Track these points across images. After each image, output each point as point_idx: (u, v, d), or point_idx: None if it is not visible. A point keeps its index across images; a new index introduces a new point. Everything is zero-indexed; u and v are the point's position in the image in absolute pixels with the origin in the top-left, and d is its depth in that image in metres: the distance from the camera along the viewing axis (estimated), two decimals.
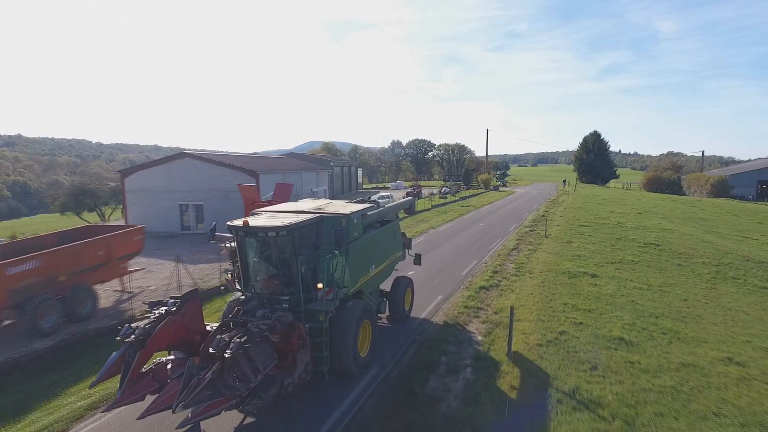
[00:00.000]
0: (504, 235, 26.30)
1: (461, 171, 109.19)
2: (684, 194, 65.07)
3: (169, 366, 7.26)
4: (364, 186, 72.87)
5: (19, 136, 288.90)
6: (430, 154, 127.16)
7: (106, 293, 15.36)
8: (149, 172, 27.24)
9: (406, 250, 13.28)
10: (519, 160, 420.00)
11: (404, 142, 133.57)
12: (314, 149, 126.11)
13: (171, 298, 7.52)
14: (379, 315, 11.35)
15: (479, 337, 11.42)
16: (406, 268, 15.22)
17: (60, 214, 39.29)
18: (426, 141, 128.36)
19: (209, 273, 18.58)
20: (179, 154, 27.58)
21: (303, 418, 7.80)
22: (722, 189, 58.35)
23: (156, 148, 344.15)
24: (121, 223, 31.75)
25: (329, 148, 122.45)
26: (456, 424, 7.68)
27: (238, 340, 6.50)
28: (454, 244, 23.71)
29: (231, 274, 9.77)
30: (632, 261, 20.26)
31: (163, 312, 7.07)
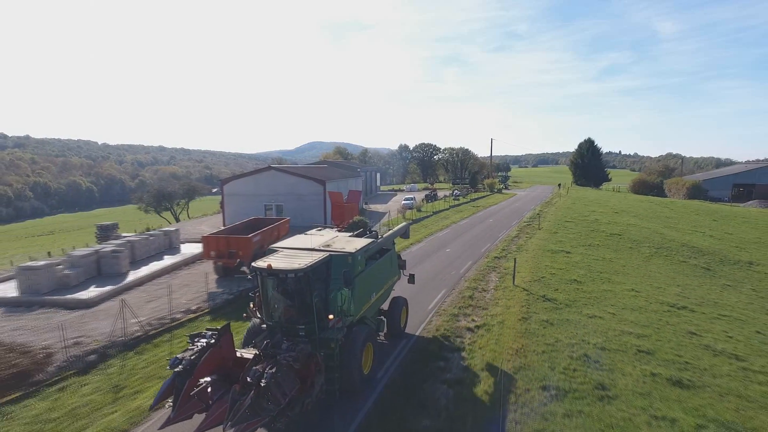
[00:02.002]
0: (508, 227, 35.76)
1: (466, 174, 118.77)
2: (666, 196, 74.61)
3: (209, 389, 8.27)
4: (381, 188, 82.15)
5: (27, 137, 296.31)
6: (435, 157, 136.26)
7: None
8: (242, 180, 36.66)
9: (401, 271, 15.17)
10: (520, 160, 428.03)
11: (405, 144, 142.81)
12: (326, 153, 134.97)
13: (207, 329, 9.05)
14: (378, 333, 12.96)
15: (496, 279, 20.84)
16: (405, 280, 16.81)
17: (144, 212, 48.26)
18: (431, 145, 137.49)
19: None
20: (266, 168, 37.01)
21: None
22: (696, 192, 67.89)
23: (161, 148, 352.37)
24: (205, 218, 41.14)
25: (341, 152, 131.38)
26: (488, 302, 17.13)
27: (270, 371, 7.84)
28: (473, 233, 33.19)
29: (252, 303, 11.16)
30: (597, 245, 29.71)
31: (204, 344, 8.56)
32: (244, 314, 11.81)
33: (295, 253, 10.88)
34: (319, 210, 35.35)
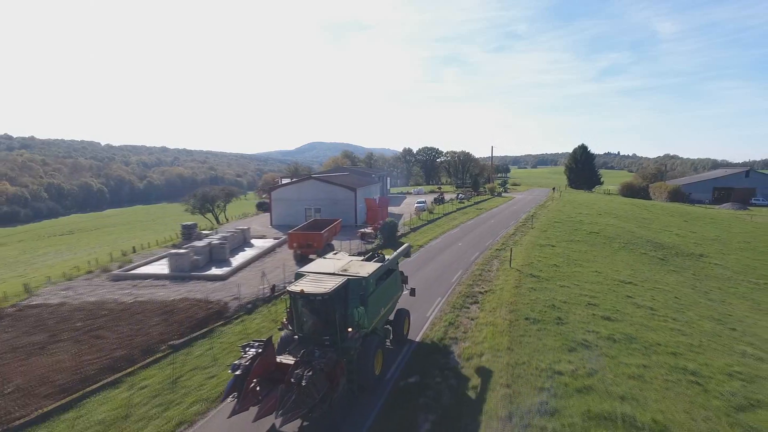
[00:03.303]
0: (507, 227, 43.89)
1: (467, 176, 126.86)
2: (651, 199, 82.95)
3: (257, 388, 11.15)
4: (391, 191, 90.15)
5: (32, 138, 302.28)
6: (438, 160, 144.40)
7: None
8: (286, 188, 44.62)
9: (404, 285, 17.83)
10: (519, 161, 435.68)
11: (409, 147, 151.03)
12: (334, 157, 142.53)
13: (255, 341, 11.79)
14: (386, 340, 15.58)
15: (498, 264, 28.91)
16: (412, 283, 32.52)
17: (191, 213, 56.08)
18: (434, 148, 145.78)
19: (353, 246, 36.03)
20: (307, 177, 45.00)
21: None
22: (677, 195, 76.21)
23: (164, 149, 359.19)
24: (247, 219, 49.21)
25: (348, 156, 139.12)
26: (492, 278, 25.23)
27: (307, 374, 10.38)
28: (478, 232, 41.31)
29: (286, 318, 13.68)
30: (578, 240, 37.81)
31: (254, 353, 11.28)
32: (279, 327, 14.41)
33: (319, 277, 13.34)
34: (351, 212, 43.35)
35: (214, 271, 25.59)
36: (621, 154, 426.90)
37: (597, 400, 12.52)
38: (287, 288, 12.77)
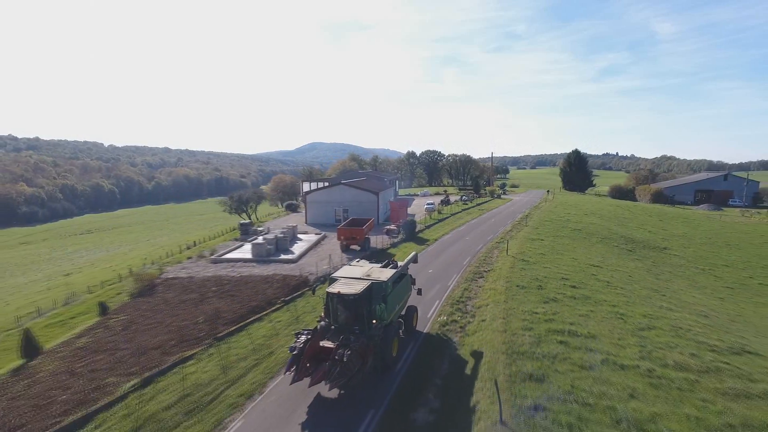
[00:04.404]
0: (505, 224, 52.97)
1: (467, 178, 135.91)
2: (636, 200, 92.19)
3: (308, 364, 14.89)
4: (400, 192, 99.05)
5: (37, 139, 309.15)
6: (440, 162, 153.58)
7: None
8: (319, 192, 53.50)
9: (413, 287, 22.14)
10: (519, 161, 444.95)
11: (409, 148, 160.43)
12: (342, 160, 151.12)
13: (304, 330, 16.09)
14: (399, 331, 19.34)
15: (497, 253, 37.92)
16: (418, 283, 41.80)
17: (228, 214, 65.00)
18: (436, 151, 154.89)
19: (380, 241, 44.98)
20: (337, 183, 53.98)
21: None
22: (659, 197, 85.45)
23: (166, 150, 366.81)
24: (278, 218, 58.25)
25: (355, 159, 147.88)
26: (493, 262, 34.27)
27: (347, 353, 14.03)
28: (481, 229, 50.38)
29: (323, 312, 17.53)
30: (563, 236, 46.88)
31: (305, 338, 15.25)
32: (318, 319, 18.34)
33: (349, 281, 17.32)
34: (374, 212, 52.30)
35: (284, 256, 34.52)
36: (620, 154, 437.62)
37: (555, 324, 21.53)
38: (326, 289, 17.16)
